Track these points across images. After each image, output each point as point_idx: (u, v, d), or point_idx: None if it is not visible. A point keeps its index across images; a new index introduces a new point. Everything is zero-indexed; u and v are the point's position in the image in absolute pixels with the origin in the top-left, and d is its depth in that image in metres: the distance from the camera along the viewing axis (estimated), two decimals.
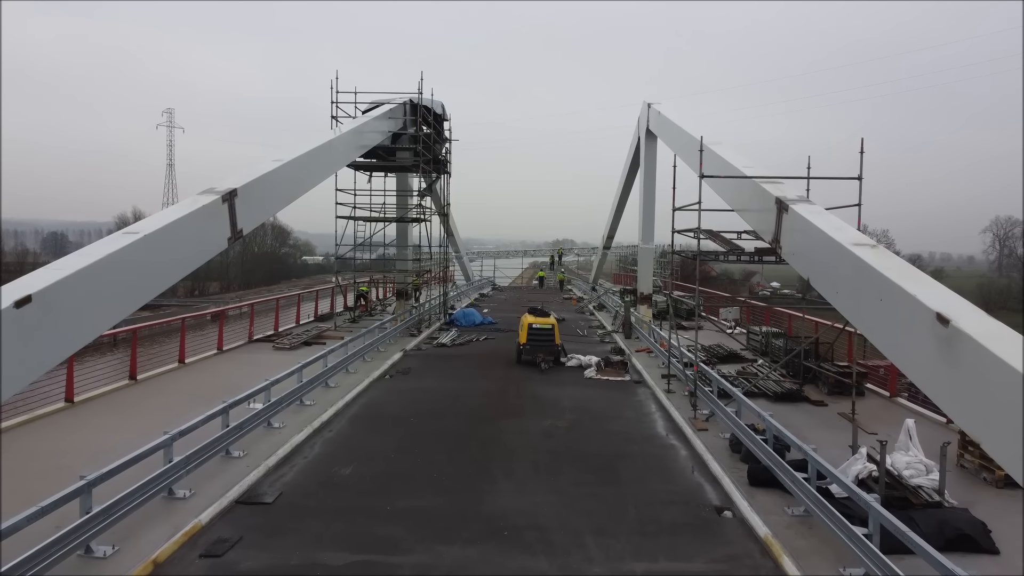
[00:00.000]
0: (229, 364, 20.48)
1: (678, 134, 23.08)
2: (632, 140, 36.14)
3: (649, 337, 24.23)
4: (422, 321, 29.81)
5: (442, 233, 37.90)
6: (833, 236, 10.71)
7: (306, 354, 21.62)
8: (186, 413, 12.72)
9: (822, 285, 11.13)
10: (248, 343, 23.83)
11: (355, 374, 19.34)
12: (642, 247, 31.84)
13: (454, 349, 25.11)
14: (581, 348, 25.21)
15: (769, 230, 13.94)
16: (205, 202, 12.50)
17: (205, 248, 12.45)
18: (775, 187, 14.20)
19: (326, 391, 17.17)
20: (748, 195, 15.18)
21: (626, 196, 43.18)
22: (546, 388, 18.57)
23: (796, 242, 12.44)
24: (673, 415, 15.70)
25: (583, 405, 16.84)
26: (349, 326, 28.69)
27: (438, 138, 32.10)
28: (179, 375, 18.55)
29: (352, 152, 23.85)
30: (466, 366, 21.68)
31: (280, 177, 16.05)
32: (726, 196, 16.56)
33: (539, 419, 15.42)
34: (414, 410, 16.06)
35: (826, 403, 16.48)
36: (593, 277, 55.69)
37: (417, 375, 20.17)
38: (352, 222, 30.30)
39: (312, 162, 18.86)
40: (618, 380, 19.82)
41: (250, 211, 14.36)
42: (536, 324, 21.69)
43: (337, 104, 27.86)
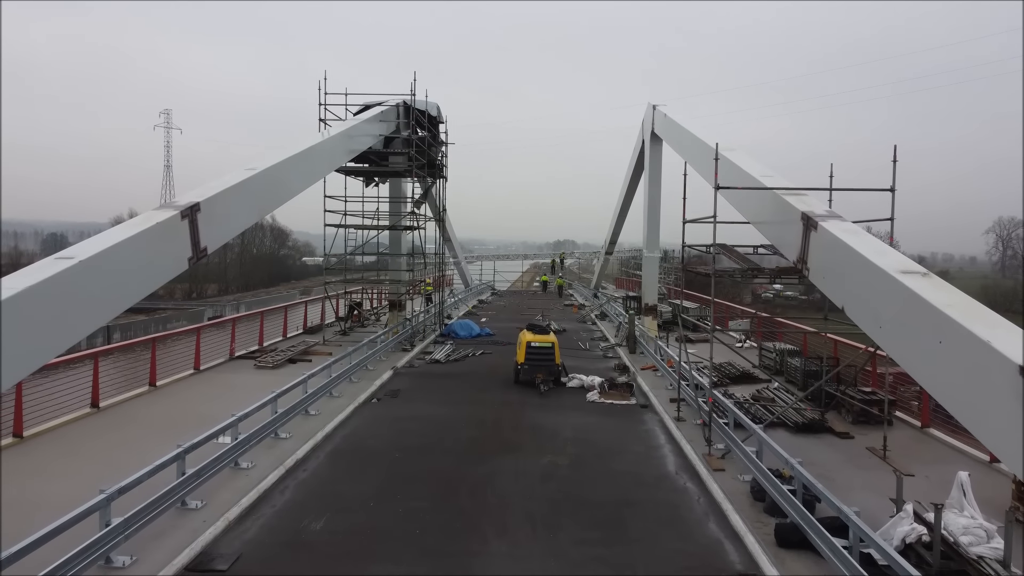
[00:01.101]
0: (205, 386, 19.06)
1: (687, 139, 21.66)
2: (636, 143, 34.73)
3: (655, 355, 22.79)
4: (416, 334, 28.40)
5: (439, 238, 36.52)
6: (875, 261, 9.28)
7: (289, 373, 20.25)
8: (145, 453, 11.36)
9: (861, 317, 9.70)
10: (229, 360, 22.41)
11: (339, 398, 17.91)
12: (647, 255, 30.42)
13: (448, 366, 23.69)
14: (583, 365, 23.80)
15: (793, 247, 12.52)
16: (160, 219, 11.09)
17: (159, 272, 11.03)
18: (799, 200, 12.77)
19: (305, 420, 15.75)
20: (768, 208, 13.76)
21: (629, 200, 41.79)
22: (545, 415, 17.14)
23: (827, 264, 11.02)
24: (685, 449, 14.27)
25: (585, 436, 15.41)
26: (339, 339, 27.30)
27: (433, 142, 30.69)
28: (148, 401, 17.12)
29: (340, 157, 22.47)
30: (460, 387, 20.24)
31: (254, 187, 14.63)
32: (741, 207, 15.13)
33: (537, 455, 13.99)
34: (400, 443, 14.64)
35: (852, 435, 15.04)
36: (595, 283, 54.29)
37: (407, 398, 18.74)
38: (343, 230, 28.93)
39: (292, 169, 17.45)
40: (623, 404, 18.39)
41: (216, 227, 12.95)
42: (535, 342, 20.26)
43: (325, 106, 26.40)
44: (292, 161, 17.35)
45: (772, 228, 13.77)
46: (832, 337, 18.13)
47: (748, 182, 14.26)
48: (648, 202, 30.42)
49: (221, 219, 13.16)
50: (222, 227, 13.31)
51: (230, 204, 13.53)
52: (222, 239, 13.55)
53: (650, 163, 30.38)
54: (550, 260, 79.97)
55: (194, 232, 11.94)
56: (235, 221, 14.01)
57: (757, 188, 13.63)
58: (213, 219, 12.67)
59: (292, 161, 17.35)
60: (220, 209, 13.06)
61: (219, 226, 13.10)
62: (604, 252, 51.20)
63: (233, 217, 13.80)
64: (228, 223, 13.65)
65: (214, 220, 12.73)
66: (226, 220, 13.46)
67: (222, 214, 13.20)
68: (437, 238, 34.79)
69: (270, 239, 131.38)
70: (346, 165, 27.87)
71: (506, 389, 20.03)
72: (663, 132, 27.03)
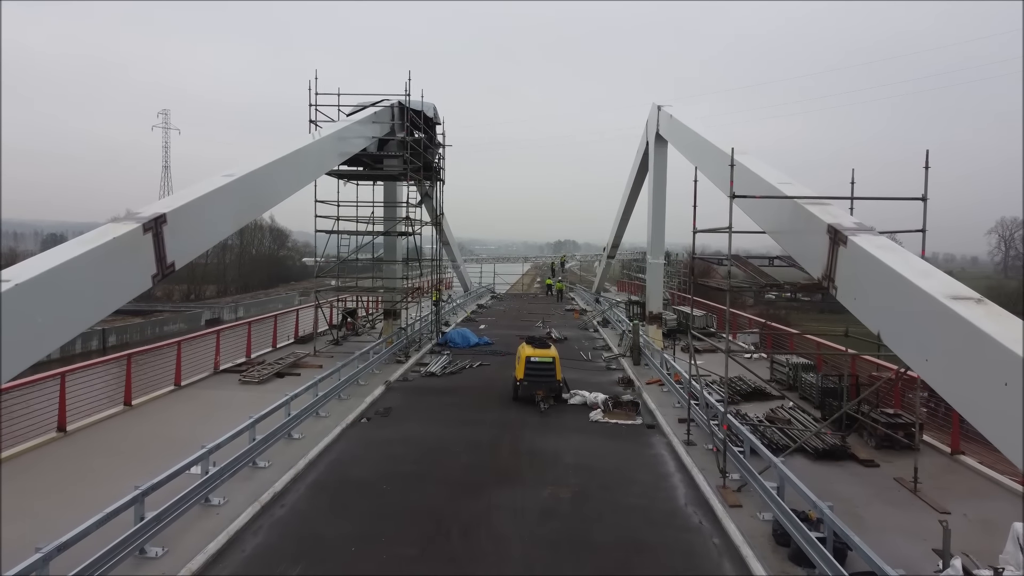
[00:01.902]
0: (185, 405, 17.96)
1: (695, 142, 20.56)
2: (639, 144, 33.59)
3: (661, 368, 21.68)
4: (412, 343, 27.30)
5: (436, 242, 35.41)
6: (919, 284, 8.17)
7: (276, 389, 19.24)
8: (108, 487, 10.37)
9: (903, 347, 8.58)
10: (213, 375, 21.31)
11: (326, 419, 16.81)
12: (651, 261, 29.26)
13: (444, 380, 22.58)
14: (585, 378, 22.71)
15: (816, 262, 11.40)
16: (118, 233, 9.99)
17: (116, 293, 9.89)
18: (823, 210, 11.66)
19: (288, 445, 14.66)
20: (787, 218, 12.65)
21: (632, 203, 40.64)
22: (546, 437, 16.03)
23: (859, 284, 9.90)
24: (697, 480, 13.16)
25: (589, 463, 14.31)
26: (331, 349, 26.22)
27: (430, 143, 29.60)
28: (121, 424, 16.02)
29: (330, 160, 21.41)
30: (455, 405, 19.13)
31: (230, 195, 13.54)
32: (757, 216, 14.03)
33: (537, 486, 12.89)
34: (389, 471, 13.54)
35: (876, 462, 13.92)
36: (596, 286, 53.14)
37: (399, 417, 17.64)
38: (335, 235, 27.84)
39: (277, 174, 16.37)
40: (628, 424, 17.28)
41: (186, 240, 11.86)
42: (535, 357, 19.14)
43: (316, 107, 25.29)
44: (276, 165, 16.31)
45: (792, 239, 12.67)
46: (855, 354, 17.00)
47: (765, 190, 13.17)
48: (652, 206, 29.28)
49: (192, 231, 12.09)
50: (193, 240, 12.24)
51: (203, 214, 12.46)
52: (193, 253, 12.46)
53: (655, 166, 29.24)
54: (550, 263, 78.81)
55: (159, 246, 10.86)
56: (209, 232, 12.91)
57: (776, 197, 12.52)
58: (182, 231, 11.60)
59: (276, 165, 16.31)
60: (190, 220, 11.99)
61: (189, 239, 12.03)
62: (606, 256, 50.05)
63: (206, 228, 12.72)
64: (200, 235, 12.56)
65: (183, 232, 11.66)
66: (198, 232, 12.39)
67: (193, 225, 12.13)
68: (434, 242, 33.73)
69: (269, 240, 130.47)
70: (339, 168, 26.86)
71: (504, 407, 18.92)
72: (668, 134, 25.92)
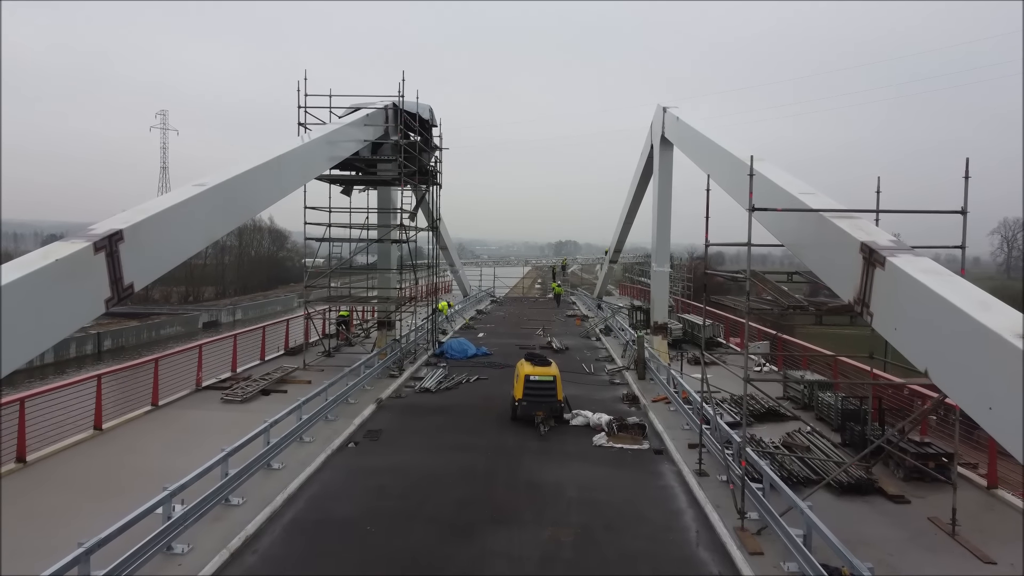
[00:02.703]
0: (161, 428, 16.81)
1: (703, 146, 19.41)
2: (644, 147, 32.50)
3: (668, 385, 20.53)
4: (406, 356, 26.16)
5: (433, 248, 34.25)
6: (979, 319, 7.00)
7: (261, 408, 18.17)
8: (62, 532, 9.19)
9: (958, 390, 7.43)
10: (195, 392, 20.17)
11: (310, 444, 15.68)
12: (656, 269, 28.10)
13: (439, 397, 21.43)
14: (587, 394, 21.60)
15: (846, 284, 10.25)
16: (63, 253, 8.83)
17: (59, 322, 8.74)
18: (853, 225, 10.51)
19: (267, 476, 13.52)
20: (811, 232, 11.51)
21: (636, 206, 39.62)
22: (546, 466, 14.87)
23: (901, 314, 8.73)
24: (712, 519, 12.00)
25: (593, 497, 13.16)
26: (321, 362, 25.09)
27: (425, 146, 28.46)
28: (87, 451, 14.88)
29: (319, 165, 20.28)
30: (450, 426, 17.97)
31: (200, 207, 12.38)
32: (776, 229, 12.88)
33: (536, 526, 11.74)
34: (375, 508, 12.40)
35: (907, 498, 12.76)
36: (598, 291, 52.02)
37: (389, 441, 16.50)
38: (327, 241, 26.72)
39: (258, 181, 15.23)
40: (635, 449, 16.14)
41: (148, 257, 10.70)
42: (535, 376, 17.98)
43: (305, 109, 24.15)
44: (257, 172, 15.17)
45: (816, 256, 11.53)
46: (880, 374, 15.82)
47: (786, 201, 12.03)
48: (657, 211, 28.11)
49: (155, 247, 10.96)
50: (156, 257, 11.10)
51: (168, 228, 11.32)
52: (157, 271, 11.34)
53: (660, 169, 28.12)
54: (551, 267, 77.69)
55: (114, 266, 9.72)
56: (176, 248, 11.74)
57: (800, 210, 11.37)
58: (143, 248, 10.47)
59: (257, 172, 15.17)
60: (153, 236, 10.85)
61: (152, 256, 10.91)
62: (608, 260, 48.98)
63: (173, 243, 11.57)
64: (165, 251, 11.42)
65: (144, 249, 10.53)
66: (162, 248, 11.25)
67: (156, 241, 11.00)
68: (431, 246, 32.59)
69: (269, 241, 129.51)
70: (330, 173, 25.74)
71: (502, 428, 17.77)
72: (675, 137, 24.79)
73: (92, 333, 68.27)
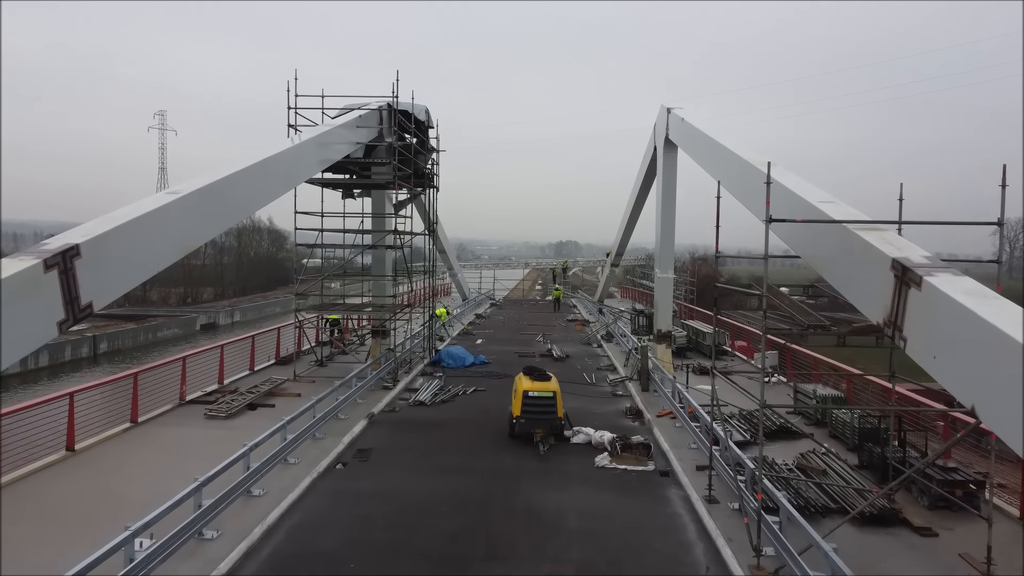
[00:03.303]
0: (139, 448, 15.90)
1: (711, 149, 18.50)
2: (647, 149, 31.64)
3: (673, 399, 19.62)
4: (401, 365, 25.27)
5: (431, 252, 33.35)
6: None
7: (246, 424, 17.37)
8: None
9: (1015, 436, 6.56)
10: (178, 407, 19.27)
11: (295, 466, 14.79)
12: (659, 276, 27.19)
13: (434, 411, 20.52)
14: (588, 407, 20.71)
15: (874, 303, 9.34)
16: (7, 273, 7.97)
17: (2, 349, 7.91)
18: (881, 239, 9.60)
19: (245, 504, 12.62)
20: (833, 245, 10.61)
21: (639, 209, 38.76)
22: (545, 491, 13.95)
23: (942, 340, 7.80)
24: (724, 555, 11.09)
25: (596, 526, 12.25)
26: (313, 372, 24.20)
27: (421, 148, 27.55)
28: (56, 475, 13.95)
29: (309, 168, 19.39)
30: (444, 444, 17.04)
31: (173, 216, 11.50)
32: (793, 241, 12.01)
33: (535, 562, 10.86)
34: (361, 541, 11.51)
35: (934, 530, 11.85)
36: (599, 295, 51.11)
37: (379, 462, 15.59)
38: (319, 247, 25.85)
39: (239, 188, 14.33)
40: (639, 471, 15.24)
41: (110, 274, 9.80)
42: (533, 392, 17.07)
43: (296, 110, 23.23)
44: (239, 177, 14.29)
45: (839, 272, 10.64)
46: (905, 392, 14.89)
47: (804, 211, 11.13)
48: (661, 216, 27.20)
49: (119, 262, 10.08)
50: (121, 273, 10.23)
51: (134, 241, 10.44)
52: (121, 288, 10.45)
53: (663, 172, 27.20)
54: (551, 269, 76.76)
55: (68, 285, 8.84)
56: (143, 263, 10.86)
57: (821, 221, 10.48)
58: (105, 263, 9.61)
59: (239, 177, 14.29)
60: (117, 249, 9.98)
61: (116, 272, 10.03)
62: (609, 264, 48.07)
63: (140, 258, 10.69)
64: (132, 266, 10.55)
65: (106, 265, 9.66)
66: (128, 262, 10.38)
67: (121, 255, 10.12)
68: (428, 249, 31.65)
69: (268, 242, 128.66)
70: (323, 177, 24.88)
71: (499, 447, 16.87)
72: (680, 139, 23.88)
73: (87, 336, 67.36)
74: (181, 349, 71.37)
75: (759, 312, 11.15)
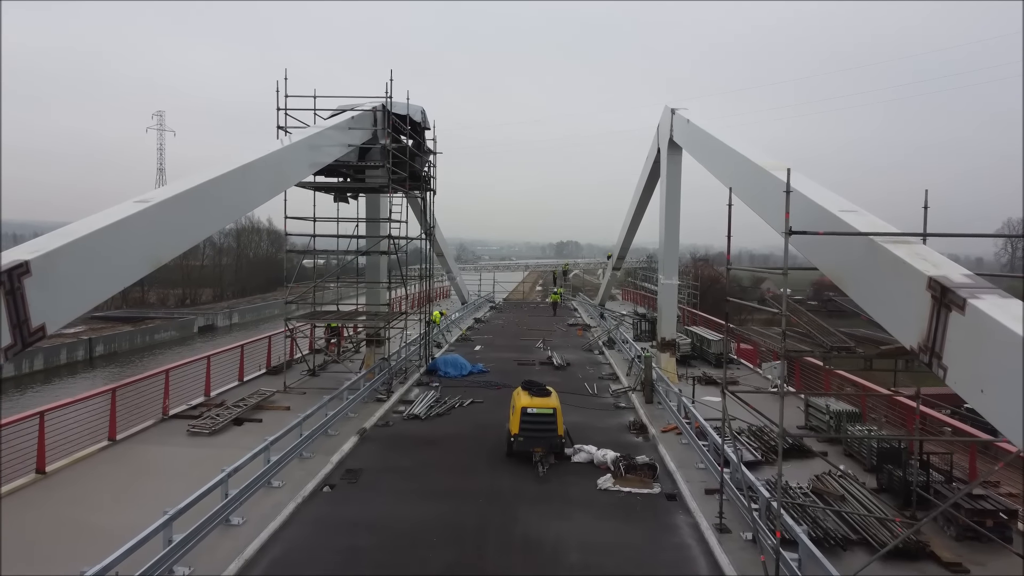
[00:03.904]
0: (116, 469, 15.01)
1: (719, 153, 17.61)
2: (649, 150, 30.73)
3: (678, 414, 18.74)
4: (397, 375, 24.42)
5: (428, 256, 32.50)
6: None
7: (231, 441, 16.55)
8: None
9: None
10: (161, 422, 18.42)
11: (279, 489, 13.93)
12: (663, 282, 26.30)
13: (429, 425, 19.65)
14: (590, 422, 19.85)
15: (907, 325, 8.44)
16: None
17: None
18: (913, 253, 8.72)
19: (223, 535, 11.73)
20: (857, 259, 9.72)
21: (641, 212, 37.80)
22: (544, 518, 13.05)
23: (989, 372, 6.93)
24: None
25: (599, 560, 11.37)
26: (304, 383, 23.33)
27: (417, 151, 26.71)
28: (23, 501, 13.06)
29: (297, 172, 18.55)
30: (438, 464, 16.14)
31: (140, 228, 10.64)
32: (814, 253, 11.13)
33: None
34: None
35: (965, 566, 10.97)
36: (600, 299, 50.23)
37: (368, 485, 14.72)
38: (310, 254, 25.01)
39: (218, 194, 13.51)
40: (644, 494, 14.36)
41: (65, 292, 8.90)
42: (532, 408, 16.18)
43: (286, 111, 22.36)
44: (219, 183, 13.43)
45: (864, 288, 9.75)
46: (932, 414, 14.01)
47: (826, 222, 10.27)
48: (665, 219, 26.31)
49: (77, 279, 9.19)
50: (80, 290, 9.33)
51: (96, 255, 9.57)
52: (80, 307, 9.55)
53: (668, 175, 26.29)
54: (552, 272, 75.86)
55: (16, 306, 7.96)
56: (106, 278, 9.98)
57: (847, 234, 9.60)
58: (60, 281, 8.73)
59: (219, 183, 13.43)
60: (75, 265, 9.10)
61: (73, 289, 9.13)
62: (611, 267, 47.18)
63: (102, 273, 9.80)
64: (93, 283, 9.65)
65: (62, 282, 8.78)
66: (88, 279, 9.48)
67: (79, 272, 9.23)
68: (424, 253, 30.76)
69: (267, 242, 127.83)
70: (315, 180, 24.04)
71: (495, 467, 15.99)
72: (685, 141, 23.01)
73: (83, 339, 66.55)
74: (177, 352, 70.77)
75: (771, 326, 10.13)
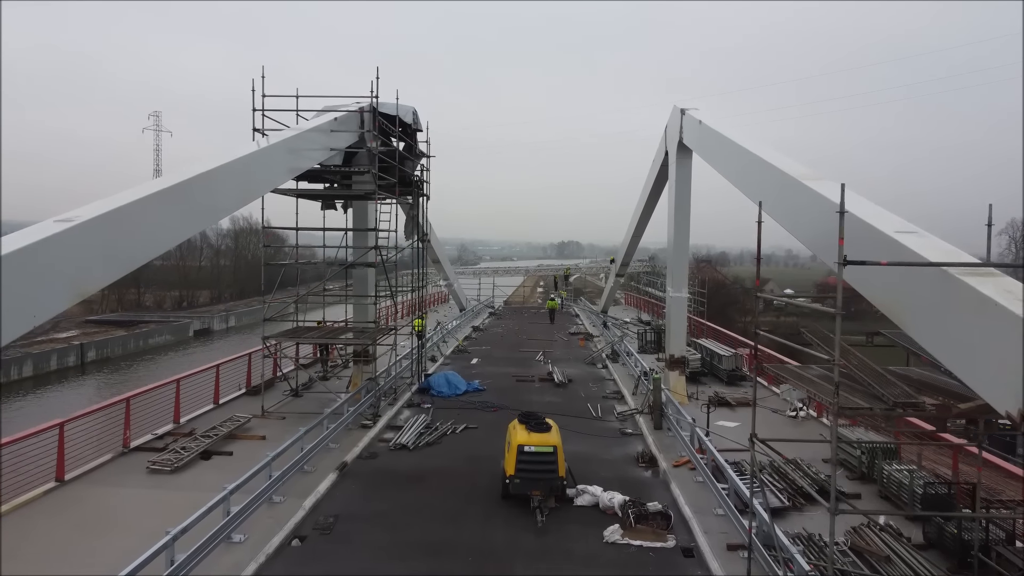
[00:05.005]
0: (57, 519, 13.19)
1: (737, 158, 15.82)
2: (657, 153, 28.97)
3: (690, 445, 16.98)
4: (387, 395, 22.69)
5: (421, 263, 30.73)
6: None
7: (192, 482, 14.80)
8: None
9: None
10: (120, 456, 16.66)
11: (240, 545, 12.15)
12: (672, 295, 24.55)
13: (417, 456, 17.89)
14: (594, 451, 18.15)
15: (998, 381, 6.76)
16: None
17: None
18: (997, 288, 7.01)
19: None
20: (924, 293, 8.00)
21: (647, 217, 36.15)
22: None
23: None
24: None
25: None
26: (285, 405, 21.58)
27: (409, 154, 24.97)
28: None
29: (273, 178, 16.98)
30: (424, 508, 14.33)
31: (56, 254, 8.93)
32: (865, 285, 9.35)
33: None
34: None
35: None
36: (603, 306, 48.46)
37: (344, 537, 12.95)
38: (294, 262, 23.30)
39: (171, 206, 11.81)
40: (658, 548, 12.61)
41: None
42: (530, 447, 14.37)
43: (264, 112, 20.63)
44: (173, 193, 11.75)
45: (934, 328, 8.01)
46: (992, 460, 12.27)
47: (879, 245, 8.54)
48: (674, 228, 24.57)
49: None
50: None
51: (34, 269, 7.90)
52: (21, 327, 7.87)
53: (676, 180, 24.56)
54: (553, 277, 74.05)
55: None
56: (13, 313, 8.24)
57: (915, 264, 7.84)
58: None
59: (173, 193, 11.75)
60: None
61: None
62: (615, 273, 45.43)
63: (12, 307, 8.09)
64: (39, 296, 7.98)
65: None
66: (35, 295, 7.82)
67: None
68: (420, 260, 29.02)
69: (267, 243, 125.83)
70: (297, 187, 22.34)
71: (489, 512, 14.21)
72: (697, 144, 21.26)
73: (75, 344, 64.81)
74: (171, 358, 69.06)
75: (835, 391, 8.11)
